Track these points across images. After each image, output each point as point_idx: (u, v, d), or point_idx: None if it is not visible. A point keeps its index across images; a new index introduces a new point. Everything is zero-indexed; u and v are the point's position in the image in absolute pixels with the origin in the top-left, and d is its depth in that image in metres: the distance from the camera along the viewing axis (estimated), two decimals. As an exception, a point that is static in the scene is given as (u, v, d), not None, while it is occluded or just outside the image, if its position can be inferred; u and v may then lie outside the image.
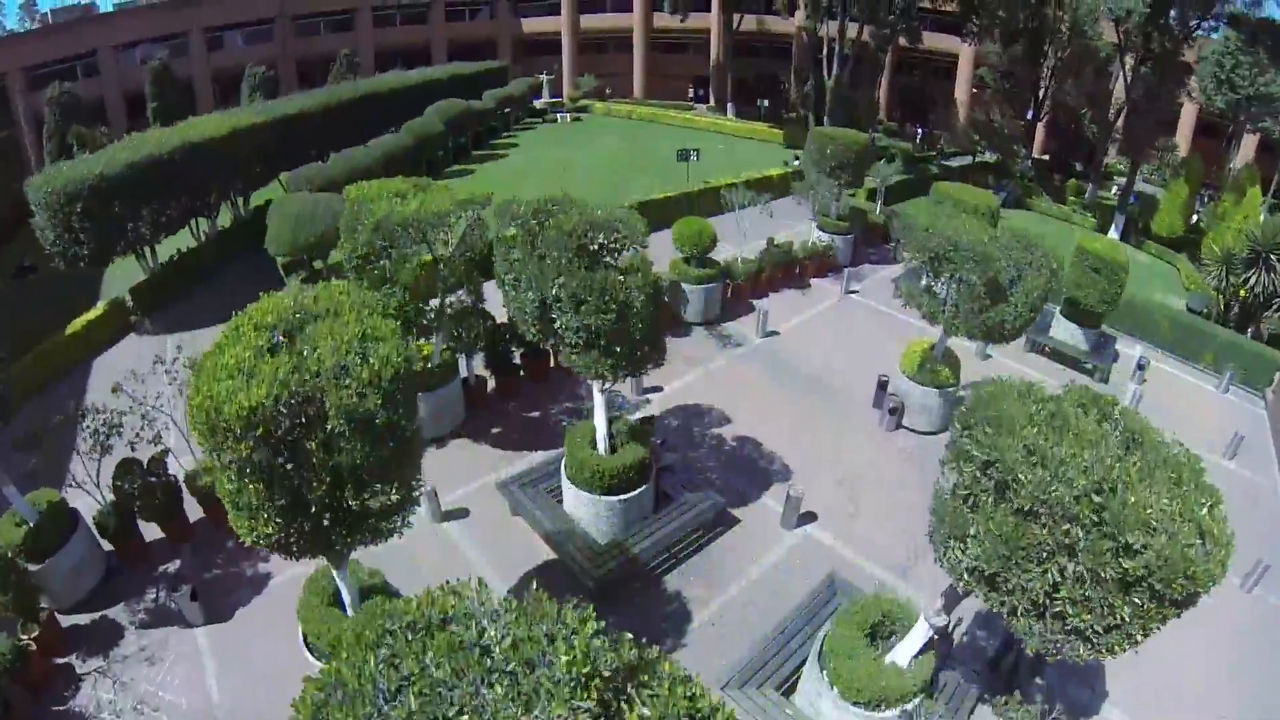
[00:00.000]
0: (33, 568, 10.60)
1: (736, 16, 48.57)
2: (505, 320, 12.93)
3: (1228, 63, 30.59)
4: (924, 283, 13.36)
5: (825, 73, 39.99)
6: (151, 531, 12.19)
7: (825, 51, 38.79)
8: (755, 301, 19.61)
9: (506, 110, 45.74)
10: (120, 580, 11.68)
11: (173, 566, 11.99)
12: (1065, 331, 19.13)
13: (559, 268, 9.17)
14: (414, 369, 6.96)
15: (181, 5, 47.49)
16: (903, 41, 42.10)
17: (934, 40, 47.28)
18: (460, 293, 13.27)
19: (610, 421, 11.35)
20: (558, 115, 48.23)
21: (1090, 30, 38.14)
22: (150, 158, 20.17)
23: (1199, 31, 28.33)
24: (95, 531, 11.65)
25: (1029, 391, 6.96)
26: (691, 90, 58.44)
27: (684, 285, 17.52)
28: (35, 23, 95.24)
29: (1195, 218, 32.98)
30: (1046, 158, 45.91)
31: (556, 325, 9.69)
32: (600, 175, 32.10)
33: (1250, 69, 33.22)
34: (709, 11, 52.69)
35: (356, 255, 11.56)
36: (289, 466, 6.20)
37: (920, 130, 47.89)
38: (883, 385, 15.44)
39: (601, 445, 11.24)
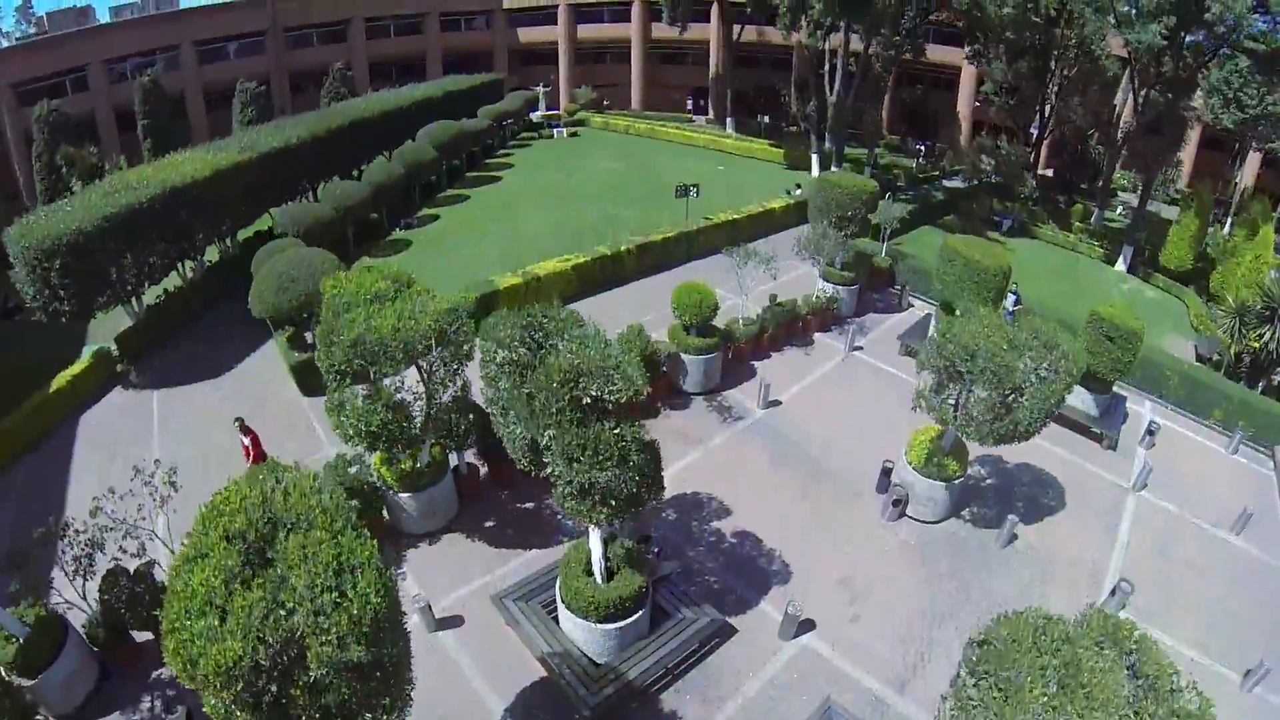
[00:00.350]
0: (26, 683, 10.35)
1: (736, 27, 47.74)
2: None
3: (1235, 81, 29.97)
4: (936, 386, 12.86)
5: (827, 88, 39.31)
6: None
7: (827, 67, 38.11)
8: (756, 364, 19.17)
9: (506, 122, 45.12)
10: (115, 683, 11.38)
11: (166, 672, 11.64)
12: (1075, 395, 18.67)
13: (549, 416, 8.73)
14: (398, 603, 6.59)
15: (171, 19, 46.74)
16: (905, 55, 41.42)
17: (937, 53, 46.52)
18: (447, 394, 12.80)
19: (606, 543, 10.96)
20: (554, 130, 47.57)
21: (1098, 49, 37.48)
22: (129, 208, 19.44)
23: (1211, 59, 27.72)
24: (86, 640, 11.40)
25: (1045, 629, 6.51)
26: (690, 102, 57.62)
27: (683, 356, 17.07)
28: (31, 25, 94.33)
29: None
30: (1050, 173, 45.35)
31: (549, 470, 9.28)
32: (596, 203, 31.43)
33: (1259, 89, 32.70)
34: (708, 22, 51.86)
35: (334, 370, 11.10)
36: (276, 704, 5.86)
37: (922, 146, 47.21)
38: (886, 472, 15.00)
39: (597, 571, 10.86)
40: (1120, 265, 31.28)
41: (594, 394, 8.57)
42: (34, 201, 41.29)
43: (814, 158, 39.29)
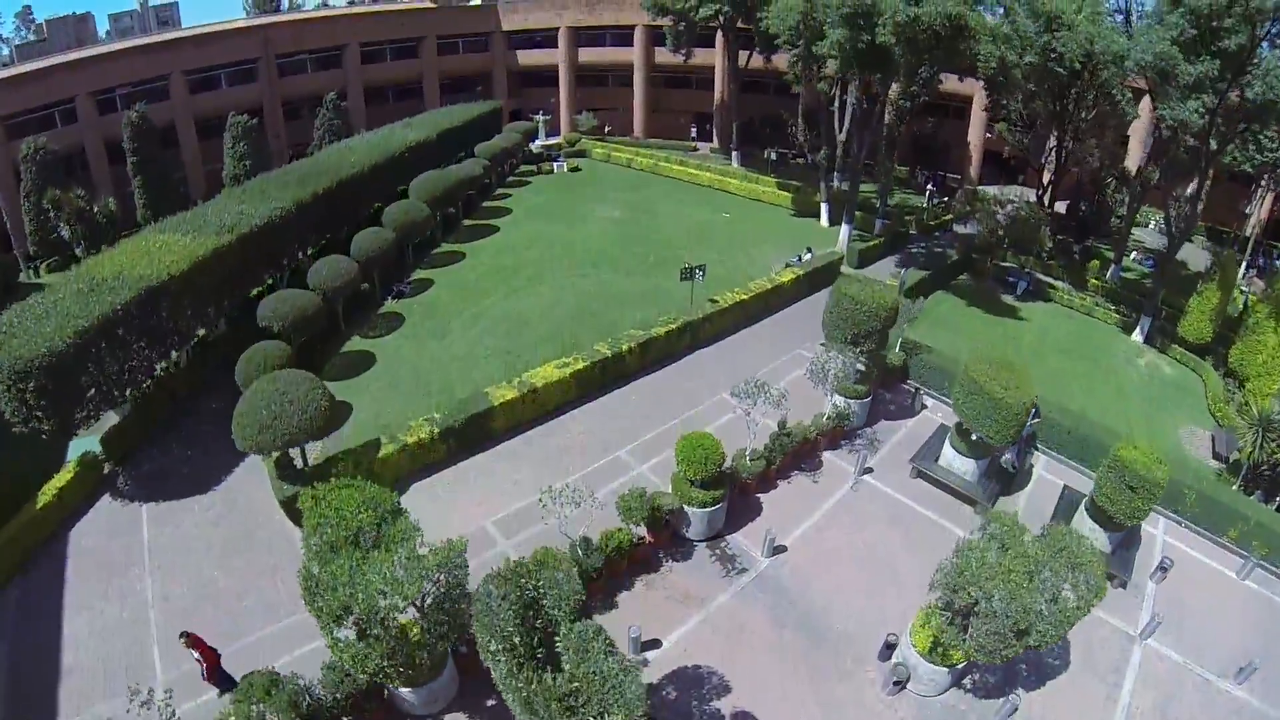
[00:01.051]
0: None
1: (743, 54, 46.11)
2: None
3: (1255, 126, 28.79)
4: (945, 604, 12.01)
5: (836, 126, 38.01)
6: None
7: (837, 104, 36.81)
8: (762, 497, 18.28)
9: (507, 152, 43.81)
10: None
11: None
12: (1088, 530, 17.85)
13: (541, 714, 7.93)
14: None
15: (161, 48, 45.36)
16: (922, 100, 40.04)
17: (948, 82, 44.92)
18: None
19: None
20: (554, 164, 46.32)
21: (1118, 93, 36.14)
22: (104, 318, 18.46)
23: (1245, 130, 26.53)
24: None
25: None
26: (694, 129, 56.14)
27: (688, 510, 16.22)
28: (31, 32, 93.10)
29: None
30: (1064, 206, 43.99)
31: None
32: (594, 271, 30.27)
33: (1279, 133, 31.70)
34: (713, 47, 50.30)
35: (323, 616, 10.23)
36: None
37: (932, 186, 45.82)
38: (890, 646, 14.25)
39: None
40: (1137, 335, 30.22)
41: (584, 706, 7.77)
42: (22, 242, 40.45)
43: (824, 207, 38.10)
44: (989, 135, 49.10)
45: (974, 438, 18.37)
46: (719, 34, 48.01)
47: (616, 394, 22.04)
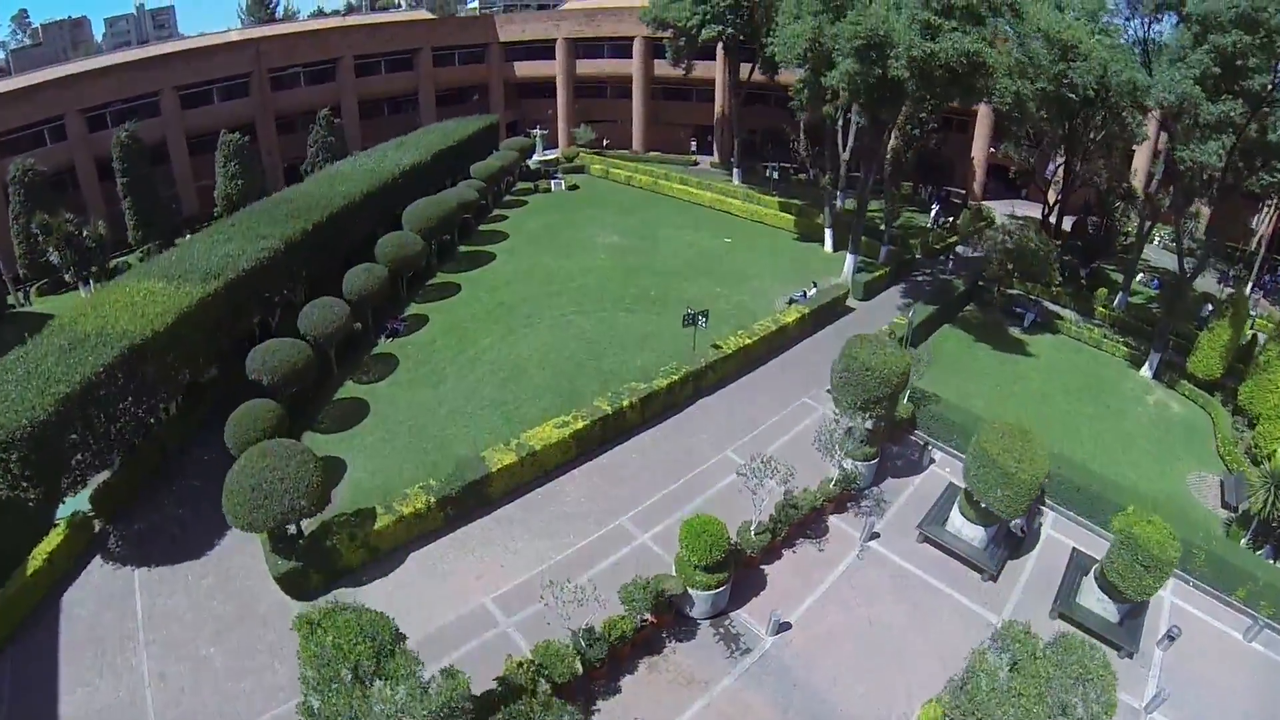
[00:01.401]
0: None
1: (746, 67, 45.15)
2: None
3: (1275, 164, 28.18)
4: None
5: (840, 145, 37.34)
6: None
7: (840, 122, 36.12)
8: (766, 568, 17.77)
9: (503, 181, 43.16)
10: None
11: None
12: (1096, 600, 17.50)
13: None
14: None
15: (151, 64, 44.48)
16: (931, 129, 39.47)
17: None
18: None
19: None
20: (552, 182, 45.60)
21: (1129, 118, 35.49)
22: (86, 382, 17.87)
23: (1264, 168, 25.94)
24: None
25: None
26: (694, 142, 55.32)
27: (692, 592, 15.78)
28: (27, 36, 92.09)
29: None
30: (1069, 227, 43.41)
31: None
32: (594, 308, 29.56)
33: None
34: (713, 60, 49.43)
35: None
36: None
37: (936, 204, 45.11)
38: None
39: None
40: (1146, 370, 29.71)
41: None
42: (12, 266, 39.74)
43: (828, 233, 37.43)
44: (993, 150, 48.49)
45: (983, 505, 17.94)
46: (720, 47, 47.15)
47: (617, 451, 21.50)
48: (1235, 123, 22.96)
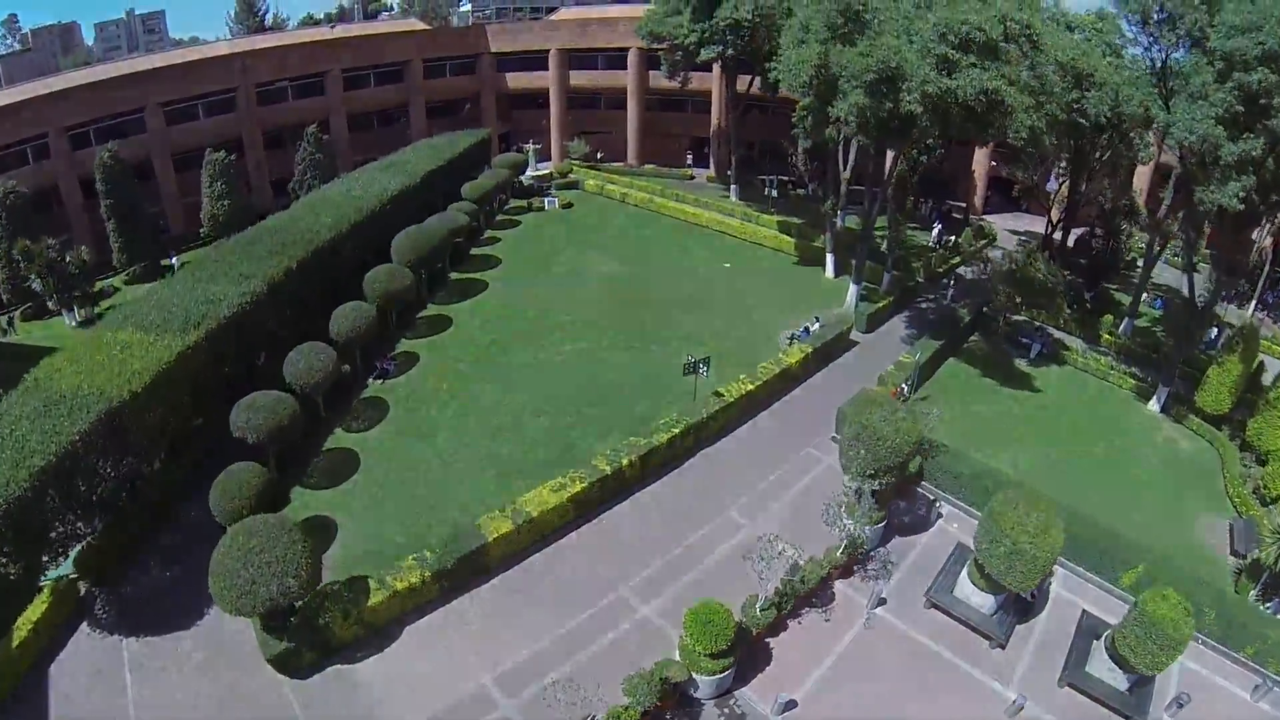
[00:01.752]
0: None
1: (744, 79, 44.10)
2: None
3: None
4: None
5: (841, 164, 36.51)
6: None
7: (840, 141, 35.23)
8: (771, 640, 17.24)
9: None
10: None
11: None
12: (1105, 668, 17.08)
13: None
14: None
15: (136, 79, 43.26)
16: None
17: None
18: None
19: None
20: (545, 200, 44.65)
21: (1138, 140, 34.84)
22: (59, 454, 17.01)
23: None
24: None
25: None
26: (690, 155, 54.35)
27: (696, 677, 15.23)
28: (17, 41, 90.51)
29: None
30: (1072, 244, 42.83)
31: None
32: (589, 351, 28.72)
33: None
34: (709, 72, 48.40)
35: None
36: None
37: (938, 219, 44.41)
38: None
39: None
40: (1154, 405, 29.22)
41: None
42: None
43: (829, 258, 36.73)
44: (994, 164, 47.76)
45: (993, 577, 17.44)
46: (717, 61, 46.13)
47: (617, 510, 20.84)
48: (1255, 160, 22.27)
